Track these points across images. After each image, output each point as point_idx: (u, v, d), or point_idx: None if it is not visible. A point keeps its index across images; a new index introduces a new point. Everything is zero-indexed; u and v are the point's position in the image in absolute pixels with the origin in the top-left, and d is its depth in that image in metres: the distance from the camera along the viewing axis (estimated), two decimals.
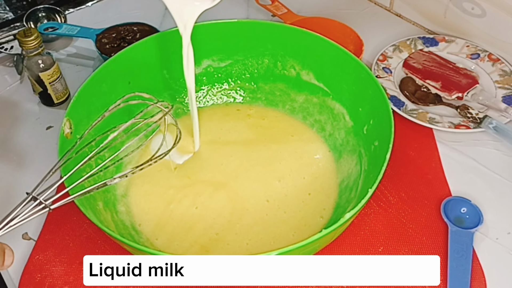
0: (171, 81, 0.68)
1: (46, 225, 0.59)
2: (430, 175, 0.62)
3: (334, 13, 0.81)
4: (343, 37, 0.72)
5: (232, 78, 0.70)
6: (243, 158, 0.64)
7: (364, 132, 0.59)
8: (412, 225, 0.57)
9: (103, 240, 0.57)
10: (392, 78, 0.74)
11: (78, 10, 0.92)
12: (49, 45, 0.83)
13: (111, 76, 0.61)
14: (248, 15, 0.88)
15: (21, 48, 0.68)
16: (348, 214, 0.45)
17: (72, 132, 0.54)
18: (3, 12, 0.89)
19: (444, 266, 0.53)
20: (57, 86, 0.71)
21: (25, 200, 0.43)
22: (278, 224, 0.57)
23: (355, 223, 0.56)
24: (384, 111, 0.54)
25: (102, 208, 0.54)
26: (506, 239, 0.56)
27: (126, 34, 0.78)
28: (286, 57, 0.67)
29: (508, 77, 0.72)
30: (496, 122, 0.65)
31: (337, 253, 0.55)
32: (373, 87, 0.57)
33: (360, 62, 0.59)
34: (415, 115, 0.68)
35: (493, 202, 0.59)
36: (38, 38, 0.67)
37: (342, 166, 0.61)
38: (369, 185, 0.47)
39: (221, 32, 0.66)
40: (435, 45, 0.79)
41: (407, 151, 0.65)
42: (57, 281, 0.54)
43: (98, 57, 0.80)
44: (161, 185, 0.61)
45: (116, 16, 0.86)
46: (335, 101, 0.64)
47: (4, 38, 0.81)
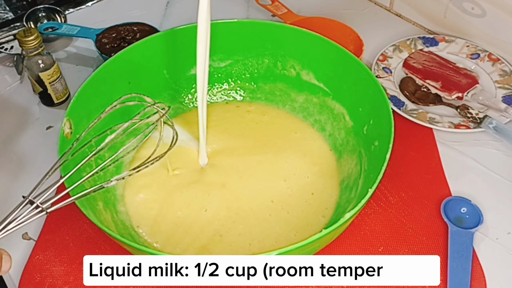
0: (171, 81, 0.68)
1: (46, 225, 0.59)
2: (430, 175, 0.62)
3: (334, 13, 0.81)
4: (343, 37, 0.72)
5: (232, 78, 0.70)
6: (247, 156, 0.63)
7: (364, 132, 0.59)
8: (412, 225, 0.57)
9: (103, 240, 0.57)
10: (392, 78, 0.74)
11: (78, 10, 0.92)
12: (49, 45, 0.83)
13: (111, 76, 0.61)
14: (248, 15, 0.88)
15: (21, 48, 0.68)
16: (348, 214, 0.45)
17: (72, 132, 0.55)
18: (3, 12, 0.89)
19: (444, 266, 0.53)
20: (57, 86, 0.71)
21: (21, 204, 0.42)
22: (280, 224, 0.57)
23: (355, 223, 0.56)
24: (384, 111, 0.54)
25: (102, 208, 0.54)
26: (506, 239, 0.56)
27: (126, 34, 0.78)
28: (286, 57, 0.67)
29: (508, 77, 0.72)
30: (496, 122, 0.65)
31: (337, 253, 0.55)
32: (373, 87, 0.57)
33: (360, 62, 0.59)
34: (415, 115, 0.68)
35: (493, 202, 0.59)
36: (38, 38, 0.67)
37: (342, 166, 0.61)
38: (369, 185, 0.47)
39: (221, 32, 0.66)
40: (435, 45, 0.79)
41: (407, 151, 0.65)
42: (57, 281, 0.54)
43: (98, 57, 0.80)
44: (163, 186, 0.61)
45: (116, 16, 0.86)
46: (335, 101, 0.64)
47: (4, 38, 0.81)
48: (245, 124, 0.68)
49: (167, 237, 0.56)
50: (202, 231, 0.56)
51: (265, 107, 0.70)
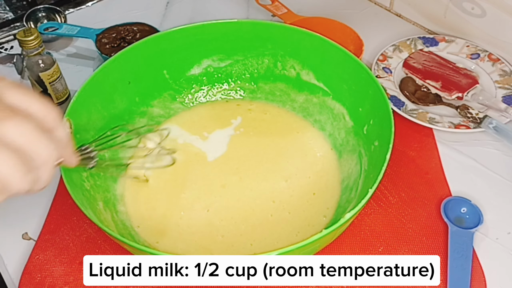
0: (171, 81, 0.68)
1: (46, 225, 0.59)
2: (430, 175, 0.62)
3: (334, 13, 0.81)
4: (343, 37, 0.72)
5: (232, 78, 0.70)
6: (249, 156, 0.63)
7: (364, 132, 0.59)
8: (412, 225, 0.57)
9: (103, 240, 0.57)
10: (392, 78, 0.74)
11: (78, 10, 0.92)
12: (49, 45, 0.83)
13: (111, 76, 0.61)
14: (248, 15, 0.88)
15: (21, 48, 0.68)
16: (348, 214, 0.45)
17: (72, 132, 0.55)
18: (3, 12, 0.89)
19: (444, 266, 0.53)
20: (57, 86, 0.71)
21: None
22: (282, 224, 0.56)
23: (355, 223, 0.56)
24: (384, 111, 0.54)
25: (102, 208, 0.54)
26: (506, 239, 0.56)
27: (126, 34, 0.78)
28: (286, 57, 0.67)
29: (508, 77, 0.72)
30: (496, 122, 0.65)
31: (337, 253, 0.55)
32: (373, 87, 0.57)
33: (360, 62, 0.59)
34: (415, 115, 0.68)
35: (493, 202, 0.59)
36: (38, 38, 0.67)
37: (343, 166, 0.61)
38: (369, 185, 0.47)
39: (221, 32, 0.66)
40: (435, 45, 0.79)
41: (407, 151, 0.65)
42: (57, 281, 0.54)
43: (98, 57, 0.80)
44: (164, 186, 0.61)
45: (116, 16, 0.86)
46: (335, 101, 0.64)
47: (4, 38, 0.81)
48: (246, 122, 0.68)
49: (168, 237, 0.56)
50: (203, 231, 0.56)
51: (266, 106, 0.69)
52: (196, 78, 0.69)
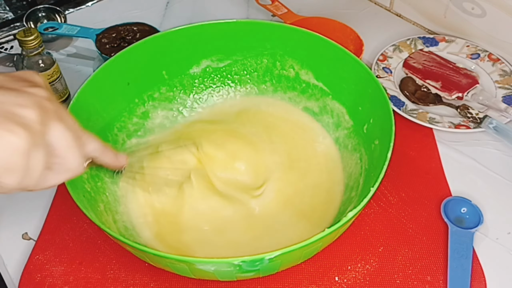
0: (171, 81, 0.68)
1: (46, 225, 0.59)
2: (430, 175, 0.62)
3: (334, 13, 0.81)
4: (343, 37, 0.72)
5: (231, 78, 0.70)
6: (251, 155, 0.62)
7: (364, 131, 0.59)
8: (412, 225, 0.57)
9: (103, 240, 0.57)
10: (392, 78, 0.74)
11: (78, 10, 0.92)
12: (49, 45, 0.83)
13: (111, 76, 0.61)
14: (248, 15, 0.88)
15: (21, 48, 0.68)
16: (350, 213, 0.45)
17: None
18: (3, 12, 0.89)
19: (444, 266, 0.53)
20: (57, 86, 0.71)
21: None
22: (285, 223, 0.56)
23: (355, 223, 0.56)
24: (384, 109, 0.54)
25: (103, 209, 0.54)
26: (506, 239, 0.56)
27: (126, 34, 0.78)
28: (285, 57, 0.66)
29: (508, 77, 0.72)
30: (496, 122, 0.65)
31: (337, 252, 0.55)
32: (373, 86, 0.57)
33: (360, 62, 0.59)
34: (415, 115, 0.68)
35: (493, 202, 0.59)
36: (38, 38, 0.67)
37: (343, 165, 0.61)
38: (370, 184, 0.47)
39: (220, 32, 0.66)
40: (435, 45, 0.79)
41: (407, 151, 0.65)
42: (57, 281, 0.54)
43: (98, 57, 0.80)
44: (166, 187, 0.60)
45: (116, 16, 0.86)
46: (334, 100, 0.64)
47: (4, 38, 0.81)
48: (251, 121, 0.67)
49: (168, 237, 0.56)
50: (204, 232, 0.56)
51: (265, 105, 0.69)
52: (195, 78, 0.69)
